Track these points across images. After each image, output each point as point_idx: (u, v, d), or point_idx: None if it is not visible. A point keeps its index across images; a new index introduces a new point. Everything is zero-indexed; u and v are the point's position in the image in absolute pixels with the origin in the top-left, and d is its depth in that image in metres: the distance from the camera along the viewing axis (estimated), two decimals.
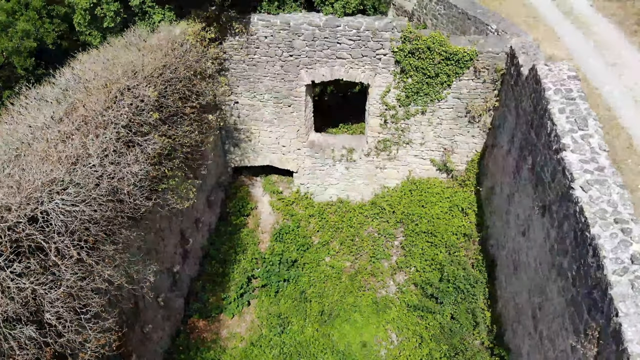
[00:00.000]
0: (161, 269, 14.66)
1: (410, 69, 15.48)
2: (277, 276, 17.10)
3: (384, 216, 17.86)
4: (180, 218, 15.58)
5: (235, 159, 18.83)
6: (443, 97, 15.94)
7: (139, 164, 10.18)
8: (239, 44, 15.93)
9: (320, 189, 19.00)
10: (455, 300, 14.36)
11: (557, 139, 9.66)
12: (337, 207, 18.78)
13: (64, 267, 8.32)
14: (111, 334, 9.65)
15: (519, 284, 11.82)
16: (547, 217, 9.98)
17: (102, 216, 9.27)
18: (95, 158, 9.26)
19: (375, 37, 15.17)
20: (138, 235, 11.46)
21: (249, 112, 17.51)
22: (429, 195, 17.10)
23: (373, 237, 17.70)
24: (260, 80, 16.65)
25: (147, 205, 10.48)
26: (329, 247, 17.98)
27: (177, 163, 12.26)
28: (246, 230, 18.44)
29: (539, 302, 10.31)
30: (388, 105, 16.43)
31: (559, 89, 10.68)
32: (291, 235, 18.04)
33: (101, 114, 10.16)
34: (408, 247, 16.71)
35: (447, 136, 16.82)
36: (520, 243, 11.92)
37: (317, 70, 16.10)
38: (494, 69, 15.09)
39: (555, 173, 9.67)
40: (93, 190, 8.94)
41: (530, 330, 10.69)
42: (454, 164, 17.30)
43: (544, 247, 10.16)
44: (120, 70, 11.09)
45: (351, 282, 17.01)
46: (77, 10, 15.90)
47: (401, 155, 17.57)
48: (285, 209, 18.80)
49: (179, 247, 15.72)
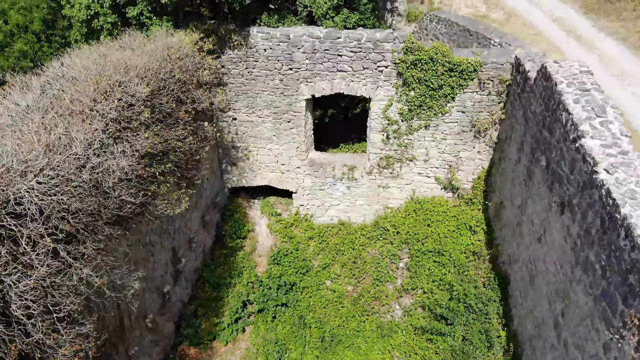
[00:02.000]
0: (150, 287, 13.70)
1: (413, 81, 15.09)
2: (274, 300, 16.04)
3: (388, 237, 16.99)
4: (172, 235, 14.75)
5: (233, 179, 18.15)
6: (447, 110, 15.48)
7: (127, 159, 9.52)
8: (238, 58, 15.63)
9: (320, 211, 18.21)
10: (467, 320, 13.29)
11: (574, 127, 9.05)
12: (338, 229, 17.92)
13: (36, 257, 7.49)
14: (88, 341, 8.68)
15: (537, 295, 10.87)
16: (567, 213, 9.21)
17: (82, 209, 8.51)
18: (79, 146, 8.59)
19: (377, 49, 14.86)
20: (124, 240, 10.63)
21: (247, 129, 17.00)
22: (435, 214, 16.31)
23: (376, 259, 16.76)
24: (259, 95, 16.24)
25: (133, 203, 9.72)
26: (330, 270, 17.00)
27: (169, 167, 11.58)
28: (242, 253, 17.52)
29: (561, 309, 9.36)
30: (390, 119, 15.94)
31: (572, 82, 10.18)
32: (289, 257, 17.11)
33: (88, 106, 9.59)
34: (414, 267, 15.74)
35: (451, 152, 16.22)
36: (537, 251, 11.06)
37: (317, 84, 15.71)
38: (499, 80, 14.69)
39: (574, 164, 8.99)
40: (73, 177, 8.23)
41: (553, 342, 9.67)
42: (459, 181, 16.62)
43: (564, 246, 9.33)
44: (112, 66, 10.63)
45: (354, 306, 15.93)
46: (75, 23, 15.69)
47: (404, 173, 16.91)
48: (283, 231, 17.95)
49: (170, 266, 14.78)
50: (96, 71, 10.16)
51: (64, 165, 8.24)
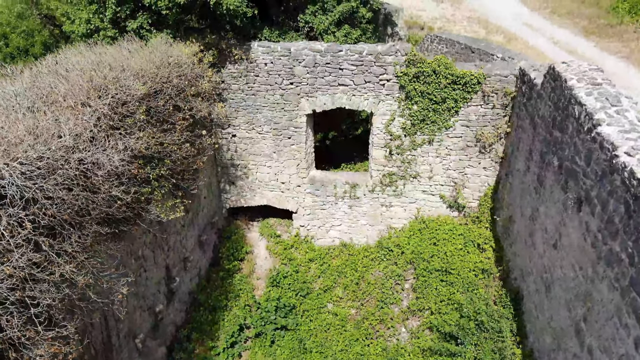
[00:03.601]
0: (141, 305, 12.93)
1: (416, 95, 14.83)
2: (273, 324, 15.16)
3: (392, 258, 16.28)
4: (166, 252, 14.09)
5: (231, 199, 17.62)
6: (451, 125, 15.14)
7: (119, 154, 9.05)
8: (238, 72, 15.45)
9: (321, 232, 17.57)
10: (479, 339, 12.42)
11: (589, 117, 8.64)
12: (340, 251, 17.23)
13: (14, 243, 6.90)
14: (69, 346, 7.93)
15: (554, 304, 10.14)
16: (585, 208, 8.66)
17: (68, 200, 7.97)
18: (67, 133, 8.15)
19: (379, 61, 14.68)
20: (114, 244, 10.00)
21: (246, 146, 16.62)
22: (441, 233, 15.68)
23: (380, 280, 15.98)
24: (259, 111, 15.96)
25: (123, 201, 9.18)
26: (332, 292, 16.19)
27: (165, 171, 11.09)
28: (240, 275, 16.76)
29: (583, 314, 8.64)
30: (393, 134, 15.58)
31: (582, 78, 9.86)
32: (289, 280, 16.34)
33: (81, 100, 9.22)
34: (420, 288, 14.96)
35: (456, 168, 15.77)
36: (552, 258, 10.41)
37: (318, 99, 15.46)
38: (503, 93, 14.43)
39: (590, 155, 8.52)
40: (59, 165, 7.74)
41: (576, 351, 8.88)
42: (465, 199, 16.09)
43: (584, 245, 8.71)
44: (108, 64, 10.34)
45: (357, 329, 15.04)
46: (74, 38, 15.59)
47: (408, 191, 16.40)
48: (283, 252, 17.25)
49: (163, 284, 14.03)
50: (91, 67, 9.86)
51: (49, 152, 7.77)
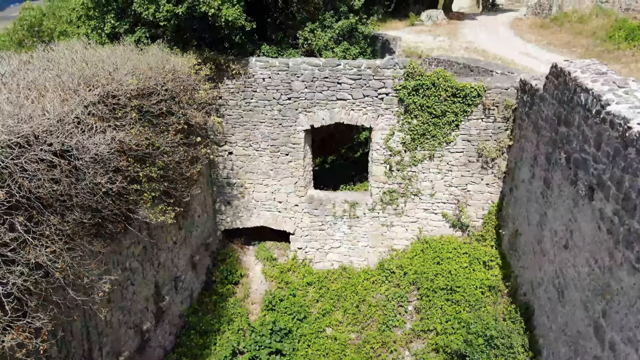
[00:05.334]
0: (127, 321, 12.13)
1: (415, 108, 14.60)
2: (268, 348, 14.23)
3: (394, 280, 15.51)
4: (156, 267, 13.42)
5: (227, 220, 17.04)
6: (451, 139, 14.83)
7: (106, 141, 8.66)
8: (236, 88, 15.31)
9: (320, 255, 16.87)
10: (489, 357, 11.52)
11: (597, 100, 8.30)
12: (339, 274, 16.46)
13: None
14: (41, 339, 7.22)
15: (569, 308, 9.41)
16: (598, 193, 8.16)
17: (48, 179, 7.50)
18: (52, 112, 7.79)
19: (377, 75, 14.56)
20: (100, 242, 9.41)
21: (243, 164, 16.24)
22: (444, 252, 15.01)
23: (382, 302, 15.14)
24: (256, 127, 15.69)
25: (108, 190, 8.68)
26: (331, 317, 15.32)
27: (155, 172, 10.65)
28: (234, 299, 15.93)
29: (602, 309, 7.95)
30: (393, 150, 15.23)
31: (586, 70, 9.60)
32: (286, 303, 15.50)
33: (70, 87, 8.94)
34: (424, 308, 14.13)
35: (458, 185, 15.32)
36: (564, 259, 9.78)
37: (317, 114, 15.23)
38: (504, 106, 14.21)
39: (600, 137, 8.12)
40: (38, 144, 7.34)
41: (596, 352, 8.10)
42: (469, 218, 15.52)
43: (598, 235, 8.15)
44: (100, 59, 10.14)
45: (358, 354, 14.09)
46: None
47: (409, 209, 15.86)
48: (279, 276, 16.48)
49: (151, 302, 13.26)
50: (82, 57, 9.64)
51: (30, 129, 7.38)
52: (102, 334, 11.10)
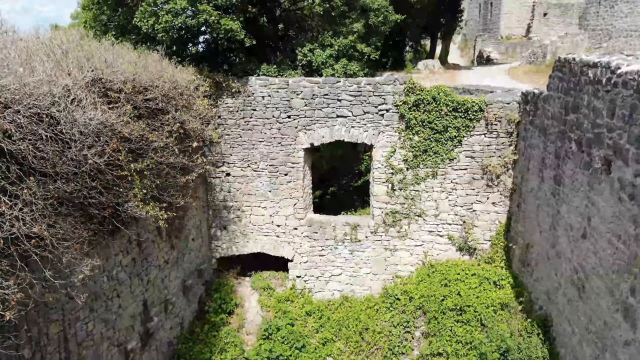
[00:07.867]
0: (110, 337, 11.12)
1: (416, 124, 14.37)
2: None
3: (399, 306, 14.51)
4: (145, 284, 12.54)
5: (222, 247, 16.26)
6: (454, 156, 14.48)
7: (98, 114, 8.28)
8: (235, 106, 15.16)
9: (320, 283, 15.93)
10: None
11: (607, 68, 8.03)
12: (340, 304, 15.45)
13: None
14: (4, 307, 6.43)
15: (592, 300, 8.58)
16: (617, 162, 7.66)
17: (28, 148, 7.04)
18: (38, 75, 7.47)
19: (377, 91, 14.48)
20: (84, 229, 8.73)
21: (241, 185, 15.74)
22: (452, 274, 14.16)
23: (387, 329, 14.06)
24: (255, 147, 15.37)
25: (98, 164, 8.17)
26: (332, 346, 14.16)
27: (148, 165, 10.16)
28: (227, 329, 14.80)
29: (630, 286, 7.18)
30: (394, 168, 14.83)
31: (591, 54, 9.43)
32: (283, 332, 14.38)
33: (61, 67, 8.70)
34: (433, 331, 13.06)
35: (464, 204, 14.76)
36: (583, 249, 9.07)
37: (317, 132, 14.98)
38: (507, 120, 14.01)
39: (613, 103, 7.76)
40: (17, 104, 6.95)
41: (627, 337, 7.18)
42: (476, 240, 14.81)
43: (619, 210, 7.55)
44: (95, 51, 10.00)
45: None
46: None
47: (413, 231, 15.17)
48: (277, 305, 15.44)
49: (139, 320, 12.25)
50: (76, 45, 9.49)
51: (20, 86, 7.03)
52: (82, 345, 10.11)
